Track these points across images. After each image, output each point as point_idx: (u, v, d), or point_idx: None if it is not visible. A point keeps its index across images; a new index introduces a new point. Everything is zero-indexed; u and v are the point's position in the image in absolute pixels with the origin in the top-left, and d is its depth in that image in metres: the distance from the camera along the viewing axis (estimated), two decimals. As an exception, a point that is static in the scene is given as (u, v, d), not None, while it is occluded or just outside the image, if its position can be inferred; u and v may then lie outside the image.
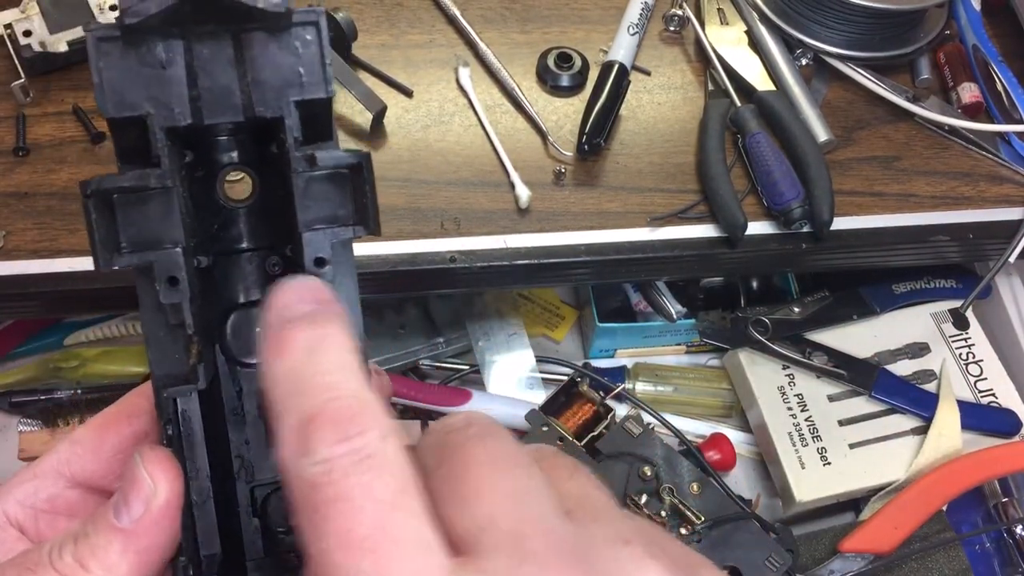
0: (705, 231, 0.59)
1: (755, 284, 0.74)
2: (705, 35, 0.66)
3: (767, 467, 0.67)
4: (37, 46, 0.57)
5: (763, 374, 0.67)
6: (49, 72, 0.59)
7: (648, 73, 0.66)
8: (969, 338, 0.70)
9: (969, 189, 0.63)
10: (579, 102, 0.63)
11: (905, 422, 0.66)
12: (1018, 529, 0.65)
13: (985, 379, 0.68)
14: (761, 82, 0.64)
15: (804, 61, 0.66)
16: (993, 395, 0.67)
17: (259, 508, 0.29)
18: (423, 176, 0.60)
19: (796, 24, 0.65)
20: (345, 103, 0.62)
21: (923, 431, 0.65)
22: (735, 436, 0.69)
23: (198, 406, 0.27)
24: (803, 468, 0.63)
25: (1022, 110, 0.65)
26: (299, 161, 0.27)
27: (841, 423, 0.65)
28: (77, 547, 0.25)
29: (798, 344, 0.67)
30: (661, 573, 0.22)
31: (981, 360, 0.69)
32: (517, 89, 0.63)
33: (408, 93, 0.63)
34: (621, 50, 0.64)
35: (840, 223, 0.60)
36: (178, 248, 0.26)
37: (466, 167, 0.61)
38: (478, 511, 0.22)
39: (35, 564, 0.25)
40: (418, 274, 0.57)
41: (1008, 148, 0.65)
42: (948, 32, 0.69)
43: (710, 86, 0.65)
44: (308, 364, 0.23)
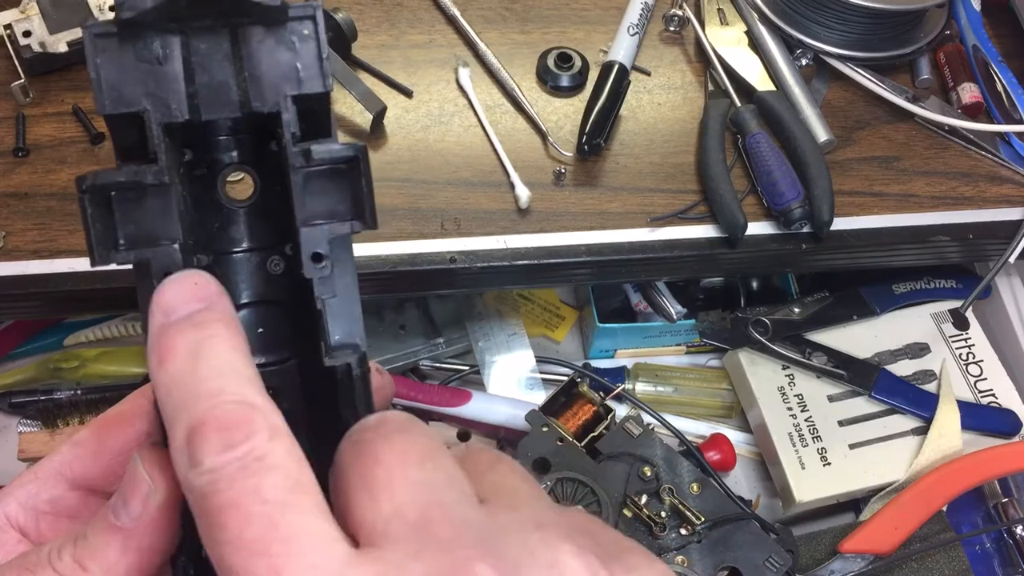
0: (705, 231, 0.59)
1: (755, 284, 0.74)
2: (705, 35, 0.66)
3: (767, 467, 0.67)
4: (37, 46, 0.57)
5: (763, 374, 0.67)
6: (49, 72, 0.59)
7: (648, 73, 0.66)
8: (969, 338, 0.70)
9: (969, 189, 0.63)
10: (579, 102, 0.63)
11: (905, 422, 0.66)
12: (1018, 529, 0.65)
13: (985, 379, 0.68)
14: (761, 82, 0.64)
15: (804, 61, 0.66)
16: (993, 395, 0.67)
17: None
18: (423, 176, 0.60)
19: (796, 24, 0.65)
20: (345, 103, 0.62)
21: (923, 431, 0.65)
22: (735, 436, 0.69)
23: None
24: (803, 468, 0.63)
25: (1022, 110, 0.65)
26: (296, 156, 0.26)
27: (841, 423, 0.65)
28: (76, 548, 0.25)
29: (798, 344, 0.67)
30: (575, 555, 0.22)
31: (981, 360, 0.69)
32: (517, 89, 0.63)
33: (408, 93, 0.63)
34: (621, 50, 0.64)
35: (840, 223, 0.60)
36: (175, 245, 0.26)
37: (466, 167, 0.61)
38: (384, 503, 0.23)
39: (34, 565, 0.25)
40: (418, 274, 0.57)
41: (1008, 148, 0.65)
42: (948, 32, 0.69)
43: (710, 86, 0.65)
44: (191, 371, 0.23)
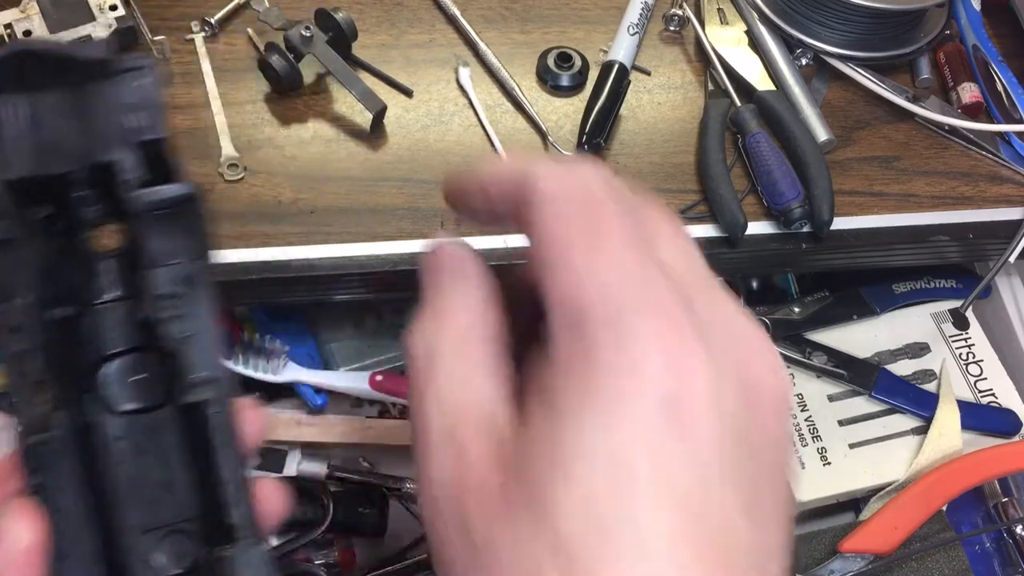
0: (705, 231, 0.59)
1: (755, 284, 0.74)
2: (705, 35, 0.66)
3: (767, 467, 0.67)
4: (37, 46, 0.57)
5: (763, 374, 0.67)
6: (49, 72, 0.59)
7: (648, 73, 0.66)
8: (969, 338, 0.70)
9: (969, 189, 0.63)
10: (579, 102, 0.63)
11: (905, 422, 0.66)
12: (1018, 529, 0.65)
13: (985, 379, 0.68)
14: (761, 82, 0.64)
15: (804, 61, 0.66)
16: (993, 395, 0.67)
17: (143, 553, 0.29)
18: (423, 176, 0.60)
19: (796, 24, 0.65)
20: (345, 103, 0.62)
21: (923, 431, 0.65)
22: (735, 436, 0.69)
23: (66, 454, 0.27)
24: (803, 468, 0.63)
25: (1022, 110, 0.65)
26: (133, 202, 0.27)
27: (841, 423, 0.65)
28: None
29: (798, 344, 0.67)
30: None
31: (981, 360, 0.69)
32: (517, 89, 0.63)
33: (408, 93, 0.63)
34: (621, 50, 0.64)
35: (840, 223, 0.60)
36: (26, 300, 0.27)
37: (466, 167, 0.60)
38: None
39: None
40: (418, 274, 0.57)
41: (1008, 148, 0.65)
42: (948, 32, 0.69)
43: (710, 86, 0.65)
44: None
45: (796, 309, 0.68)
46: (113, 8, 0.59)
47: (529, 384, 0.26)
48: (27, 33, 0.57)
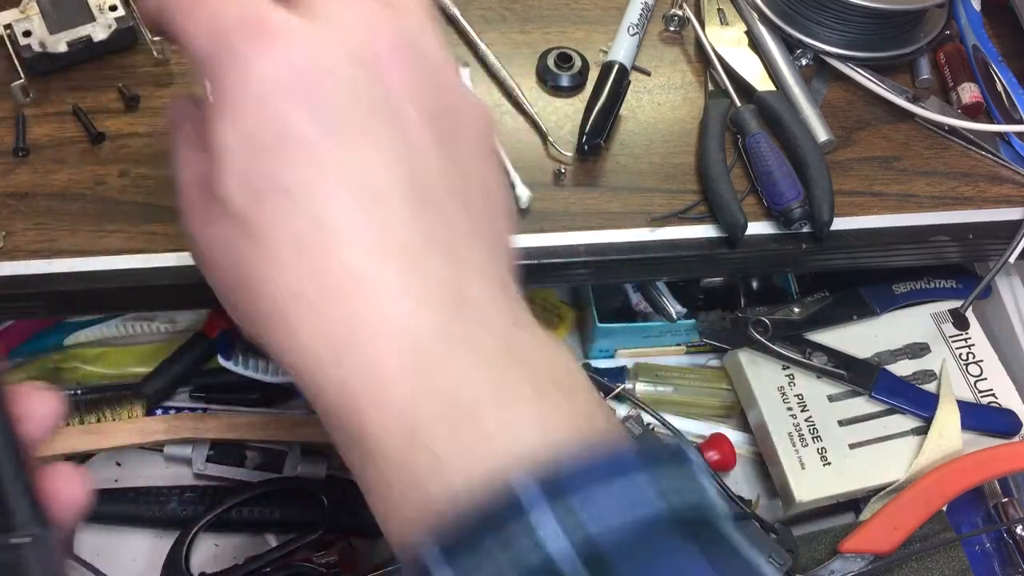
0: (705, 231, 0.59)
1: (755, 284, 0.74)
2: (705, 35, 0.66)
3: (767, 467, 0.67)
4: (37, 46, 0.57)
5: (763, 374, 0.67)
6: (49, 72, 0.59)
7: (648, 73, 0.66)
8: (969, 338, 0.70)
9: (969, 189, 0.63)
10: (579, 102, 0.63)
11: (905, 422, 0.66)
12: (1018, 529, 0.65)
13: (985, 379, 0.68)
14: (761, 82, 0.64)
15: (804, 61, 0.66)
16: (993, 395, 0.68)
17: None
18: (423, 176, 0.60)
19: (796, 24, 0.65)
20: (345, 103, 0.62)
21: (923, 431, 0.65)
22: (735, 436, 0.69)
23: None
24: (803, 468, 0.63)
25: (1022, 110, 0.65)
26: None
27: (841, 423, 0.65)
28: None
29: (798, 344, 0.67)
30: None
31: (981, 360, 0.69)
32: (517, 89, 0.63)
33: (408, 93, 0.63)
34: (621, 50, 0.64)
35: (840, 223, 0.60)
36: None
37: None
38: None
39: None
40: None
41: (1008, 148, 0.65)
42: (948, 32, 0.69)
43: (710, 86, 0.65)
44: None
45: (796, 309, 0.68)
46: (113, 8, 0.59)
47: None
48: (27, 33, 0.57)
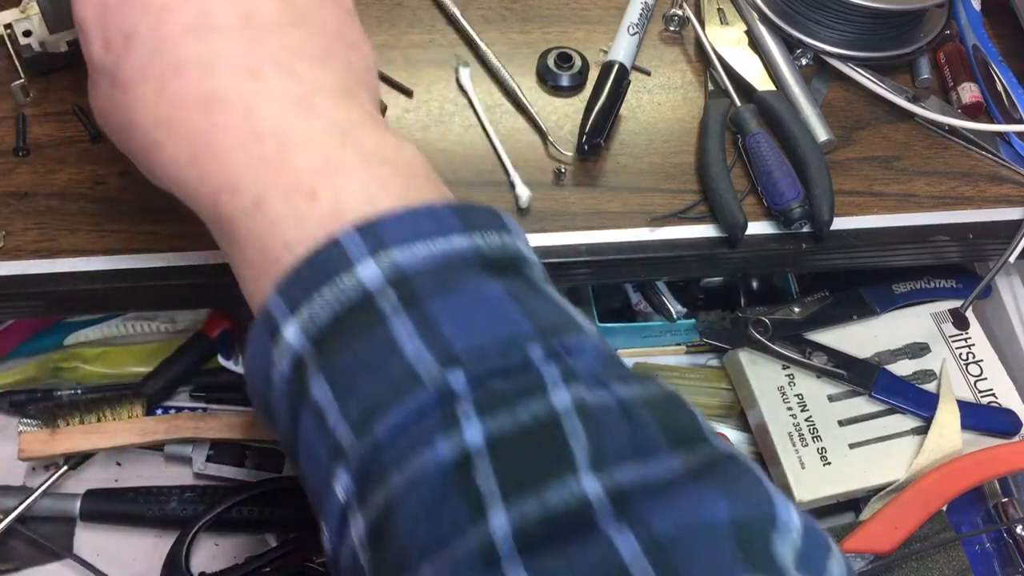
0: (705, 231, 0.59)
1: (755, 284, 0.74)
2: (705, 35, 0.66)
3: (767, 467, 0.67)
4: (37, 46, 0.57)
5: (763, 374, 0.67)
6: (49, 72, 0.59)
7: (648, 73, 0.66)
8: (969, 338, 0.70)
9: (969, 189, 0.63)
10: (579, 102, 0.63)
11: (905, 422, 0.66)
12: (1018, 529, 0.65)
13: (985, 379, 0.68)
14: (761, 82, 0.64)
15: (804, 61, 0.66)
16: (993, 395, 0.68)
17: None
18: (423, 176, 0.60)
19: (796, 24, 0.65)
20: (345, 103, 0.62)
21: (923, 431, 0.65)
22: (735, 436, 0.69)
23: None
24: (803, 468, 0.63)
25: (1022, 110, 0.65)
26: None
27: (841, 423, 0.65)
28: None
29: (798, 344, 0.67)
30: None
31: (981, 360, 0.69)
32: (517, 89, 0.63)
33: (408, 93, 0.63)
34: (621, 50, 0.64)
35: (840, 223, 0.60)
36: None
37: (466, 167, 0.61)
38: None
39: None
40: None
41: (1008, 148, 0.65)
42: (948, 32, 0.69)
43: (710, 86, 0.65)
44: None
45: (796, 309, 0.68)
46: (113, 8, 0.59)
47: None
48: (27, 33, 0.57)
